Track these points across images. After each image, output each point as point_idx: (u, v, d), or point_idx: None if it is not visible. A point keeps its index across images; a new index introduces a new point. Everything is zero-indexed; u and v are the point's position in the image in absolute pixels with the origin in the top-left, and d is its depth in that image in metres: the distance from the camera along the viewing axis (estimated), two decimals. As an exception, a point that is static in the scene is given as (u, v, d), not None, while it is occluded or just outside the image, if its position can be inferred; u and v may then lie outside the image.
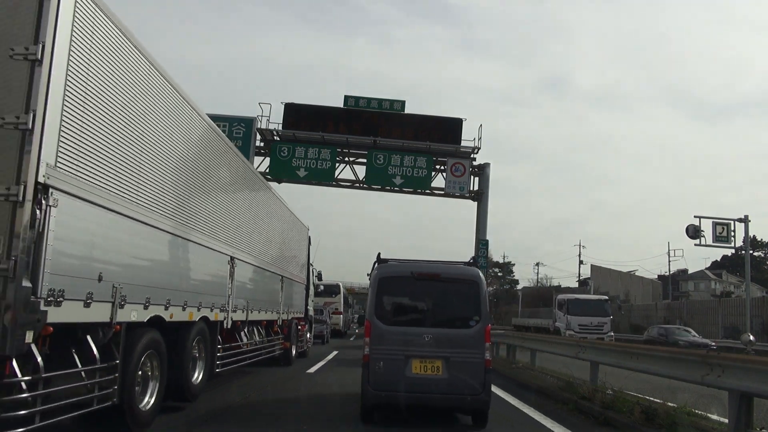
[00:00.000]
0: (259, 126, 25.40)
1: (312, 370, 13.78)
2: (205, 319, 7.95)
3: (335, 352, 19.04)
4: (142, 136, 5.84)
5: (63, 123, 4.36)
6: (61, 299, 4.42)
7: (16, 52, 4.11)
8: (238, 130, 24.91)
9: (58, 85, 4.27)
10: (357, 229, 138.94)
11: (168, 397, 6.84)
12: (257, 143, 25.77)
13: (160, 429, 6.33)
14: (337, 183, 26.42)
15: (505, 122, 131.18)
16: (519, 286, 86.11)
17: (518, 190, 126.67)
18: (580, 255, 72.58)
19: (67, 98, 4.40)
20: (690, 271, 71.90)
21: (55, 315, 4.35)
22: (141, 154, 5.83)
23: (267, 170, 25.24)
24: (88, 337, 5.08)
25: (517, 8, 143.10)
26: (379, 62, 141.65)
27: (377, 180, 25.63)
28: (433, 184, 25.86)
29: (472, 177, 25.98)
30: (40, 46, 4.11)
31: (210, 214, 8.18)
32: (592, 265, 70.11)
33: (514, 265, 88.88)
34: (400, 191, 26.31)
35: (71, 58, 4.42)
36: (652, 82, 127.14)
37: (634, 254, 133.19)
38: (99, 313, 5.04)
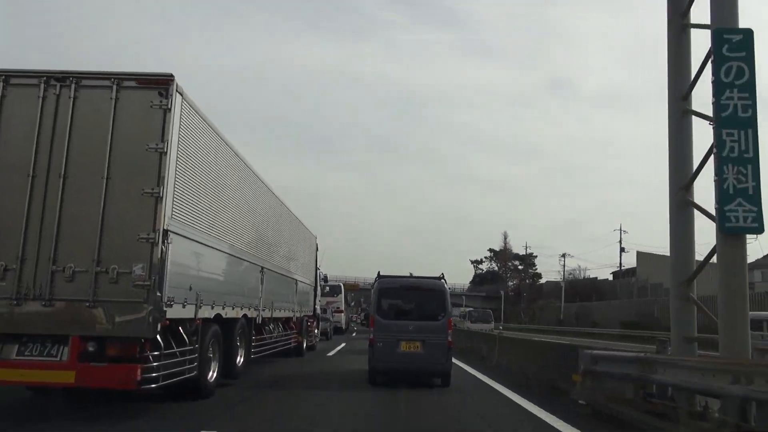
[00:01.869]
0: None
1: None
2: (245, 316, 10.33)
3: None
4: (219, 192, 8.36)
5: (176, 190, 6.74)
6: (172, 303, 6.78)
7: (149, 147, 6.48)
8: None
9: (174, 167, 6.65)
10: (362, 232, 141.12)
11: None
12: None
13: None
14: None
15: (513, 123, 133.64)
16: (542, 280, 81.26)
17: (525, 189, 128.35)
18: (621, 241, 65.19)
19: (177, 175, 6.77)
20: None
21: (170, 313, 6.71)
22: (217, 203, 8.32)
23: None
24: (180, 328, 7.44)
25: (522, 12, 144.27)
26: (386, 66, 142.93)
27: None
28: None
29: None
30: (166, 143, 6.48)
31: (252, 239, 10.66)
32: (638, 252, 59.89)
33: (536, 257, 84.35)
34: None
35: (179, 148, 6.81)
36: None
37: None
38: (190, 312, 7.41)
